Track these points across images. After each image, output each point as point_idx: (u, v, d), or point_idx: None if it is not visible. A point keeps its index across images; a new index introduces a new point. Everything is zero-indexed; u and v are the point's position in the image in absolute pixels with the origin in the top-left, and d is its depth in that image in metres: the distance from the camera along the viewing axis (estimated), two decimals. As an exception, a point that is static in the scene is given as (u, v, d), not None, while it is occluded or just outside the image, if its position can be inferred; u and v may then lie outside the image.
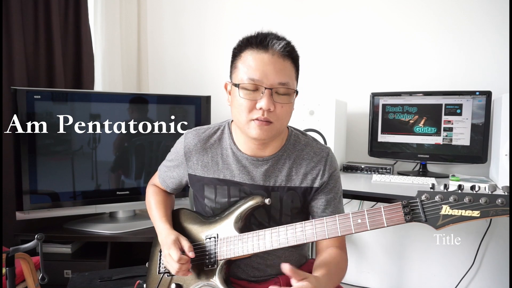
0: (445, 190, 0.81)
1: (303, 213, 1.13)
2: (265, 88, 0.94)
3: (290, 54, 0.97)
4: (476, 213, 0.77)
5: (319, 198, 1.09)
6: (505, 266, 1.94)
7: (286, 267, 0.85)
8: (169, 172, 1.20)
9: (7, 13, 1.93)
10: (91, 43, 2.32)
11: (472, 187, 0.79)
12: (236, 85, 0.97)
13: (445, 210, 0.79)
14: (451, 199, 0.79)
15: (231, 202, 1.09)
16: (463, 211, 0.78)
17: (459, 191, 0.80)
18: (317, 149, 1.10)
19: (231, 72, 1.04)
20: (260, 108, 0.94)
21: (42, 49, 2.10)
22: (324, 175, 1.08)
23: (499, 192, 0.77)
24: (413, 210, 0.83)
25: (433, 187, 0.82)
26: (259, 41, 0.95)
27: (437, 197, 0.81)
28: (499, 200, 0.75)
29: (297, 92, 1.02)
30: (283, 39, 0.98)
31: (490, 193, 0.77)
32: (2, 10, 1.89)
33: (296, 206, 1.09)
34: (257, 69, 0.94)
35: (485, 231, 1.94)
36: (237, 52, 1.01)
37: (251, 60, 0.95)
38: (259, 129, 0.96)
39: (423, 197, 0.82)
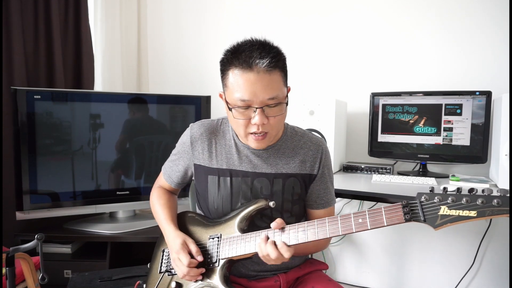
0: (444, 192, 0.84)
1: (303, 201, 1.17)
2: (256, 108, 0.98)
3: (276, 65, 0.98)
4: (473, 213, 0.79)
5: (318, 186, 1.15)
6: (505, 266, 1.94)
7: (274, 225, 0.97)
8: (174, 166, 1.23)
9: (7, 13, 1.93)
10: (91, 43, 2.32)
11: (470, 190, 0.81)
12: (230, 109, 1.01)
13: (443, 210, 0.82)
14: (449, 200, 0.82)
15: (234, 203, 1.12)
16: (461, 211, 0.80)
17: (457, 193, 0.82)
18: (313, 138, 1.18)
19: (222, 84, 1.06)
20: (255, 124, 0.99)
21: (42, 49, 2.10)
22: (321, 162, 1.14)
23: (496, 194, 0.80)
24: (412, 210, 0.85)
25: (432, 189, 0.85)
26: (243, 61, 0.96)
27: (436, 198, 0.83)
28: (495, 201, 0.78)
29: (287, 103, 1.04)
30: (266, 54, 0.96)
31: (487, 194, 0.79)
32: (2, 10, 1.89)
33: (297, 192, 1.13)
34: (245, 90, 0.97)
35: (485, 231, 1.94)
36: (224, 68, 1.03)
37: (239, 79, 0.98)
38: (257, 142, 1.04)
39: (422, 198, 0.85)
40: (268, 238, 0.97)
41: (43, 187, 1.92)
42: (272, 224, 0.97)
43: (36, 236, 1.16)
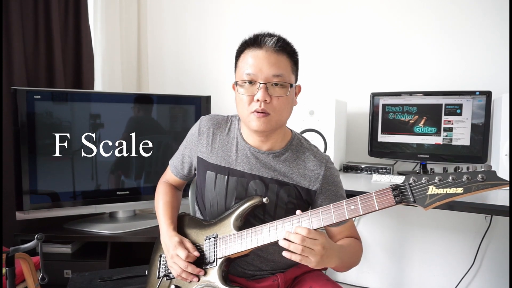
0: (431, 173, 0.87)
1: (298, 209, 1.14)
2: (260, 83, 1.01)
3: (284, 48, 1.04)
4: (459, 190, 0.82)
5: (325, 202, 1.12)
6: (505, 266, 1.94)
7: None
8: (181, 157, 1.25)
9: (7, 13, 1.93)
10: (91, 43, 2.32)
11: (456, 168, 0.84)
12: (236, 83, 1.07)
13: (432, 190, 0.84)
14: (436, 179, 0.85)
15: (228, 202, 1.13)
16: (448, 189, 0.83)
17: (444, 172, 0.86)
18: (317, 154, 1.17)
19: (235, 71, 1.11)
20: (257, 100, 1.02)
21: (42, 49, 2.10)
22: (323, 179, 1.12)
23: (481, 169, 0.82)
24: (402, 193, 0.88)
25: (420, 172, 0.86)
26: (253, 40, 1.05)
27: (424, 179, 0.86)
28: (480, 176, 0.80)
29: (292, 85, 1.06)
30: (275, 36, 1.05)
31: (471, 171, 0.82)
32: (2, 10, 1.89)
33: (291, 201, 1.12)
34: (252, 65, 1.03)
35: (485, 231, 1.94)
36: (237, 55, 1.10)
37: (248, 57, 1.04)
38: (258, 121, 1.04)
39: (410, 180, 0.88)
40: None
41: (43, 187, 1.92)
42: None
43: (36, 236, 1.16)
